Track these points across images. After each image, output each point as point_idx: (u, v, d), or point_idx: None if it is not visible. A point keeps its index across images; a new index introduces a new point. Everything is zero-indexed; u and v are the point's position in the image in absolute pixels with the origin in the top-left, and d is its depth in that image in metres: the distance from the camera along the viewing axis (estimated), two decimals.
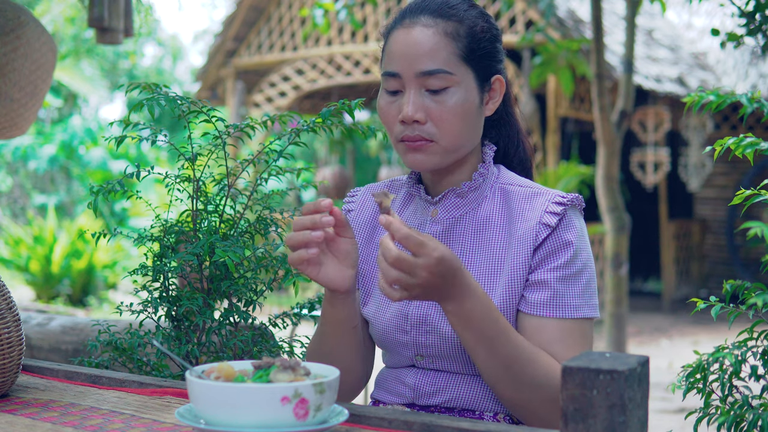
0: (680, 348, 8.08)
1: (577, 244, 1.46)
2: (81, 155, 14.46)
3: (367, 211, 1.66)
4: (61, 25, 13.93)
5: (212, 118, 1.72)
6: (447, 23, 1.47)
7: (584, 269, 1.48)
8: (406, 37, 1.47)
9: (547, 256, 1.45)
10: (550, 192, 1.50)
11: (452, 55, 1.45)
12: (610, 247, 6.03)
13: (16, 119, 2.86)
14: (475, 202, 1.53)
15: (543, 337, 1.44)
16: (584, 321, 1.46)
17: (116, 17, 3.30)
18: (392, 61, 1.48)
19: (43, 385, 1.51)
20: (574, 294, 1.45)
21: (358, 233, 1.65)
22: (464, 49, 1.46)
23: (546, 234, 1.45)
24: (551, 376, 1.38)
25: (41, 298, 10.05)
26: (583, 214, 1.55)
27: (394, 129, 1.49)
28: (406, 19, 1.49)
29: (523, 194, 1.51)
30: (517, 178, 1.57)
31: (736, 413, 1.50)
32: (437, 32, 1.46)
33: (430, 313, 1.50)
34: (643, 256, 11.97)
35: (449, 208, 1.53)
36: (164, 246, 1.76)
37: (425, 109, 1.46)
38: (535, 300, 1.45)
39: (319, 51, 10.48)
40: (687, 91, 9.99)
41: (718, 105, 1.61)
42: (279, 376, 1.16)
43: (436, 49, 1.45)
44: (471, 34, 1.48)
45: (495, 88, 1.53)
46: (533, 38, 6.85)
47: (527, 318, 1.46)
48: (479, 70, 1.49)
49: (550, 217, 1.46)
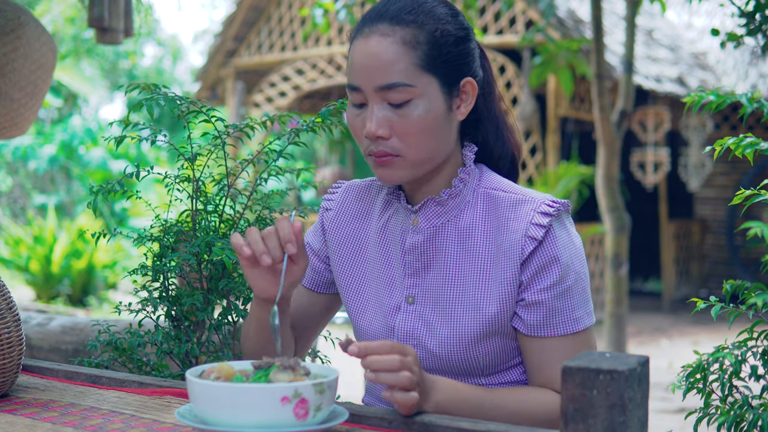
0: (680, 348, 8.08)
1: (566, 258, 1.42)
2: (81, 155, 14.46)
3: (347, 213, 1.61)
4: (61, 25, 13.94)
5: (212, 118, 1.72)
6: (405, 30, 1.39)
7: (577, 281, 1.43)
8: (364, 48, 1.41)
9: (537, 274, 1.41)
10: (534, 199, 1.44)
11: (411, 66, 1.38)
12: (610, 247, 6.03)
13: (16, 119, 2.86)
14: (456, 209, 1.47)
15: (547, 357, 1.42)
16: (586, 331, 1.44)
17: (116, 17, 3.30)
18: (353, 74, 1.43)
19: (43, 385, 1.51)
20: (571, 308, 1.42)
21: (338, 236, 1.60)
22: (424, 58, 1.39)
23: (532, 247, 1.40)
24: (550, 409, 1.38)
25: (41, 298, 10.05)
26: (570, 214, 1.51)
27: (362, 143, 1.44)
28: (366, 27, 1.43)
29: (507, 201, 1.45)
30: (500, 180, 1.50)
31: (736, 413, 1.50)
32: (395, 41, 1.38)
33: (416, 327, 1.47)
34: (643, 256, 11.97)
35: (430, 217, 1.48)
36: (164, 246, 1.76)
37: (389, 123, 1.40)
38: (534, 321, 1.42)
39: (319, 51, 10.48)
40: (687, 91, 9.99)
41: (718, 105, 1.61)
42: (279, 377, 1.16)
43: (394, 60, 1.38)
44: (432, 40, 1.40)
45: (466, 91, 1.45)
46: (533, 38, 6.85)
47: (528, 340, 1.43)
48: (444, 76, 1.41)
49: (535, 230, 1.41)
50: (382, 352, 1.21)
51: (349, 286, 1.57)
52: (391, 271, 1.52)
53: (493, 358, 1.45)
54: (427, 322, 1.46)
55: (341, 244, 1.59)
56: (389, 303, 1.50)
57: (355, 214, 1.60)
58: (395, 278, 1.51)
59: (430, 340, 1.45)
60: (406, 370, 1.21)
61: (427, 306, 1.47)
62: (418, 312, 1.47)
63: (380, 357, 1.21)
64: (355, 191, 1.63)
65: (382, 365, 1.20)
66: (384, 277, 1.52)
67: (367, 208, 1.59)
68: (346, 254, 1.58)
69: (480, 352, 1.43)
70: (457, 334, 1.43)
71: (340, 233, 1.60)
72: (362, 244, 1.57)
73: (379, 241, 1.54)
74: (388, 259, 1.52)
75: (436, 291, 1.46)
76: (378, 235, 1.55)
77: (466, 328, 1.43)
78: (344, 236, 1.59)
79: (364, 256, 1.56)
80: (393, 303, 1.50)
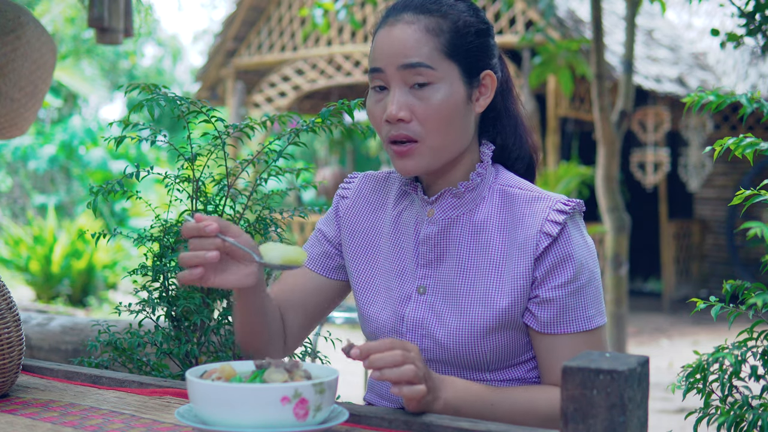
0: (680, 348, 8.08)
1: (580, 256, 1.44)
2: (81, 155, 14.46)
3: (362, 202, 1.63)
4: (61, 25, 13.94)
5: (212, 118, 1.72)
6: (429, 19, 1.44)
7: (591, 280, 1.45)
8: (388, 35, 1.45)
9: (551, 270, 1.43)
10: (550, 197, 1.46)
11: (434, 51, 1.43)
12: (610, 247, 6.03)
13: (16, 119, 2.86)
14: (472, 202, 1.50)
15: (559, 354, 1.42)
16: (598, 330, 1.45)
17: (116, 17, 3.30)
18: (376, 58, 1.47)
19: (43, 385, 1.51)
20: (584, 306, 1.43)
21: (352, 224, 1.62)
22: (447, 45, 1.44)
23: (547, 243, 1.43)
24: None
25: (41, 298, 10.05)
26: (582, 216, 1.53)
27: (382, 129, 1.47)
28: (390, 17, 1.48)
29: (522, 198, 1.48)
30: (516, 179, 1.53)
31: (736, 413, 1.50)
32: (419, 28, 1.43)
33: (426, 317, 1.48)
34: (643, 256, 11.97)
35: (446, 209, 1.51)
36: (164, 246, 1.76)
37: (409, 107, 1.43)
38: (547, 318, 1.43)
39: (319, 51, 10.48)
40: (687, 91, 10.00)
41: (718, 105, 1.61)
42: (273, 377, 1.17)
43: (418, 44, 1.43)
44: (454, 29, 1.45)
45: (485, 84, 1.50)
46: (533, 38, 6.85)
47: (541, 338, 1.44)
48: (465, 65, 1.46)
49: (551, 226, 1.43)
50: (383, 349, 1.23)
51: (360, 274, 1.59)
52: (402, 261, 1.54)
53: (500, 353, 1.46)
54: (437, 312, 1.47)
55: (355, 233, 1.61)
56: (399, 292, 1.52)
57: (370, 203, 1.63)
58: (407, 268, 1.53)
59: (439, 330, 1.46)
60: (409, 363, 1.22)
61: (438, 297, 1.48)
62: (429, 302, 1.49)
63: (382, 354, 1.22)
64: (371, 181, 1.65)
65: (385, 362, 1.22)
66: (395, 267, 1.54)
67: (382, 198, 1.62)
68: (359, 242, 1.61)
69: (488, 346, 1.45)
70: (466, 326, 1.44)
71: (354, 221, 1.62)
72: (376, 234, 1.59)
73: (392, 231, 1.57)
74: (400, 250, 1.54)
75: (447, 282, 1.48)
76: (391, 226, 1.57)
77: (476, 320, 1.44)
78: (358, 225, 1.62)
79: (377, 245, 1.58)
80: (403, 293, 1.52)
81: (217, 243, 1.29)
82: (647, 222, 11.97)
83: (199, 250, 1.29)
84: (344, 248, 1.63)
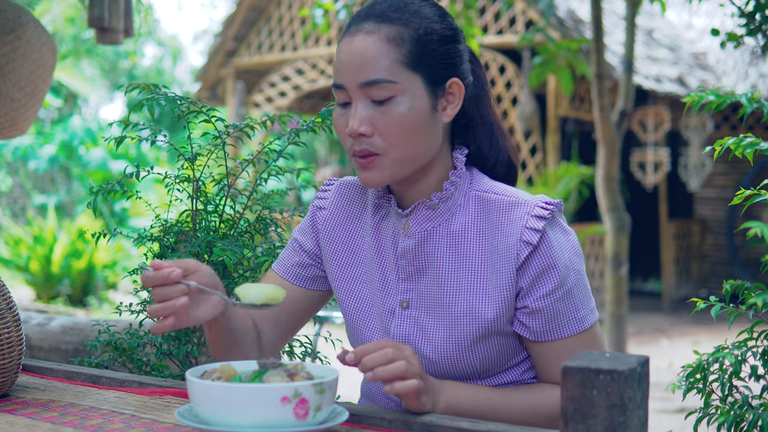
0: (680, 348, 8.08)
1: (563, 260, 1.40)
2: (81, 155, 14.46)
3: (340, 213, 1.57)
4: (61, 25, 13.94)
5: (212, 118, 1.72)
6: (390, 28, 1.39)
7: (577, 280, 1.42)
8: (349, 47, 1.41)
9: (536, 280, 1.40)
10: (528, 202, 1.41)
11: (395, 63, 1.37)
12: (610, 247, 6.03)
13: (16, 119, 2.86)
14: (448, 212, 1.45)
15: (556, 358, 1.41)
16: (591, 328, 1.44)
17: (116, 17, 3.30)
18: (338, 73, 1.42)
19: (43, 385, 1.51)
20: (575, 308, 1.42)
21: (332, 237, 1.56)
22: (408, 55, 1.38)
23: (527, 252, 1.39)
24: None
25: (41, 298, 10.05)
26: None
27: (346, 143, 1.43)
28: (353, 26, 1.43)
29: (499, 204, 1.43)
30: (492, 183, 1.48)
31: (736, 413, 1.50)
32: (379, 39, 1.38)
33: (411, 332, 1.45)
34: (643, 256, 11.97)
35: (421, 221, 1.45)
36: (164, 246, 1.76)
37: (371, 121, 1.38)
38: (539, 328, 1.41)
39: (319, 51, 10.48)
40: (687, 91, 10.00)
41: (718, 105, 1.61)
42: (272, 378, 1.17)
43: (377, 57, 1.37)
44: (416, 38, 1.39)
45: (452, 92, 1.43)
46: (533, 38, 6.85)
47: (536, 345, 1.43)
48: (428, 75, 1.40)
49: (530, 234, 1.39)
50: (374, 350, 1.23)
51: (344, 287, 1.54)
52: (385, 273, 1.50)
53: (489, 362, 1.44)
54: (422, 327, 1.45)
55: (335, 244, 1.56)
56: (383, 306, 1.49)
57: (348, 212, 1.57)
58: (389, 281, 1.49)
59: (425, 345, 1.44)
60: (399, 359, 1.23)
61: (422, 311, 1.45)
62: (413, 317, 1.46)
63: (373, 354, 1.23)
64: (348, 189, 1.59)
65: (376, 361, 1.22)
66: (379, 280, 1.50)
67: (360, 207, 1.56)
68: (340, 253, 1.55)
69: (476, 357, 1.43)
70: (452, 340, 1.42)
71: (333, 232, 1.57)
72: (357, 243, 1.54)
73: (373, 242, 1.52)
74: (382, 260, 1.51)
75: (430, 296, 1.45)
76: (372, 236, 1.52)
77: (462, 333, 1.42)
78: (338, 237, 1.56)
79: (359, 255, 1.54)
80: (388, 306, 1.48)
81: (183, 289, 1.29)
82: (647, 222, 11.97)
83: (165, 300, 1.28)
84: (326, 263, 1.57)
